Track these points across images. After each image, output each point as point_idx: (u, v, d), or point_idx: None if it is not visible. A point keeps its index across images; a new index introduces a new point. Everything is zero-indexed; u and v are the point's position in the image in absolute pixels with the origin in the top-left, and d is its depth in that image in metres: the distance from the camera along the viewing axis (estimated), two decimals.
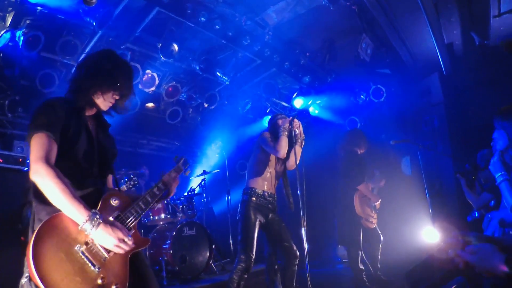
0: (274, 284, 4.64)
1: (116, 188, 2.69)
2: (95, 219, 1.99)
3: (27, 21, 5.39)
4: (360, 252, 5.55)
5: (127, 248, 2.11)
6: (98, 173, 2.40)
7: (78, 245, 1.99)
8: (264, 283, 6.07)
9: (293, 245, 4.33)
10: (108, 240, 2.03)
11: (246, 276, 4.14)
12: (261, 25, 6.67)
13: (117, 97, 2.44)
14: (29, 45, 5.37)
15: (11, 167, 5.56)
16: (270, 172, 4.49)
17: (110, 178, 2.65)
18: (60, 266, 1.87)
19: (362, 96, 8.98)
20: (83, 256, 1.98)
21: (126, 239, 2.09)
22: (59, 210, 2.00)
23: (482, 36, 6.74)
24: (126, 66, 2.48)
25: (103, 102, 2.40)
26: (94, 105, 2.41)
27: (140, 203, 2.41)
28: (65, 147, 2.20)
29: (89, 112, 2.47)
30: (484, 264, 1.66)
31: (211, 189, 8.88)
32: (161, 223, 6.61)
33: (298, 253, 4.31)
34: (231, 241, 7.47)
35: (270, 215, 4.41)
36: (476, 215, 5.28)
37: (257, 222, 4.30)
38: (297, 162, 4.20)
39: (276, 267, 4.66)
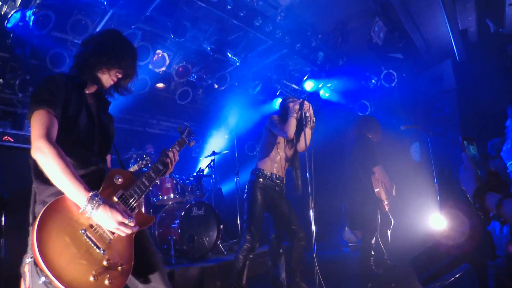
0: (276, 267, 4.66)
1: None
2: (95, 200, 1.95)
3: (38, 1, 5.38)
4: (375, 237, 5.55)
5: (128, 231, 2.05)
6: (98, 151, 2.39)
7: (83, 228, 1.96)
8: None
9: (301, 228, 4.36)
10: (108, 222, 1.99)
11: (251, 256, 4.19)
12: (273, 6, 6.58)
13: (119, 76, 2.42)
14: (39, 25, 5.37)
15: (22, 146, 5.61)
16: (279, 154, 4.51)
17: (109, 158, 2.61)
18: (65, 251, 1.85)
19: (373, 81, 8.91)
20: (88, 239, 1.96)
21: (126, 222, 2.04)
22: (61, 192, 1.96)
23: (497, 24, 6.61)
24: (131, 46, 2.49)
25: (107, 78, 2.39)
26: (97, 81, 2.39)
27: (144, 180, 2.37)
28: (65, 123, 2.17)
29: (90, 90, 2.45)
30: (463, 185, 1.88)
31: (220, 170, 8.95)
32: (170, 202, 6.67)
33: (304, 235, 4.33)
34: (239, 221, 7.53)
35: (277, 197, 4.43)
36: None
37: (263, 203, 4.33)
38: (307, 145, 4.19)
39: (280, 250, 4.69)
